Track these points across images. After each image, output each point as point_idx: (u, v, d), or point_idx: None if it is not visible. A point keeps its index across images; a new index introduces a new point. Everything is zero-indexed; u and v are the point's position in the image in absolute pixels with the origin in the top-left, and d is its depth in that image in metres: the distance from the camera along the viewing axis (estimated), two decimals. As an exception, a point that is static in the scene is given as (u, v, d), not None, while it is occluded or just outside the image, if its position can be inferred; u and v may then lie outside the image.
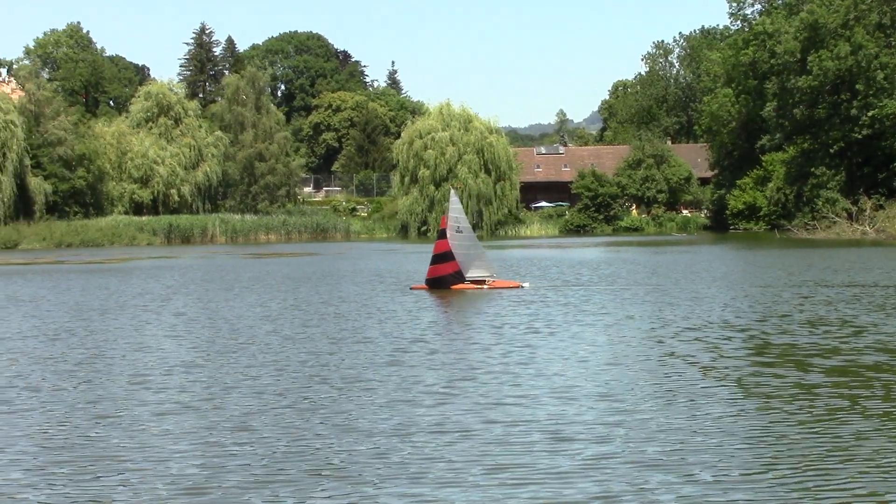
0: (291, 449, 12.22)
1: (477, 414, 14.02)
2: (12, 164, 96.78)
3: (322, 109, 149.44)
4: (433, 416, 14.00)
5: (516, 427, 13.23)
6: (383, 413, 14.14)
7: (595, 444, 12.27)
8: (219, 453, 12.08)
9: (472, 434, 12.87)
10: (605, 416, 13.78)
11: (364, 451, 12.02)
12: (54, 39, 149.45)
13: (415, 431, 13.07)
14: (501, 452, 11.94)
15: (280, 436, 12.89)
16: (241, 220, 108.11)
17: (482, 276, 34.17)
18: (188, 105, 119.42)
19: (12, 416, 14.25)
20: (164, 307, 29.97)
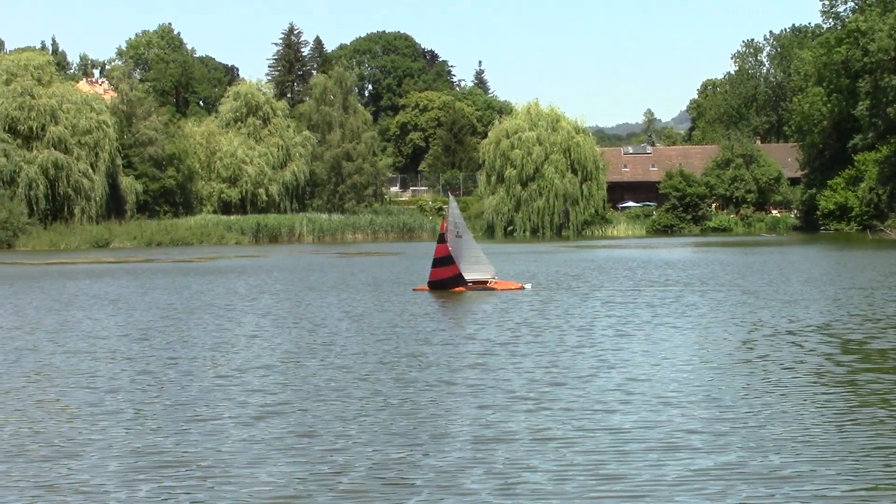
0: (382, 458, 11.87)
1: (577, 421, 13.56)
2: (104, 164, 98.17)
3: (409, 109, 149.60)
4: (533, 422, 13.55)
5: (622, 434, 12.74)
6: (478, 420, 13.74)
7: (708, 454, 11.72)
8: (308, 460, 11.82)
9: (576, 442, 12.41)
10: (713, 424, 13.23)
11: (462, 459, 11.68)
12: (146, 40, 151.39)
13: (514, 439, 12.63)
14: (610, 461, 11.48)
15: (368, 442, 12.59)
16: (327, 220, 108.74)
17: (483, 277, 34.77)
18: (276, 105, 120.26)
19: (97, 419, 14.20)
20: (251, 306, 30.06)
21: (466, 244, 34.64)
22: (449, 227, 34.24)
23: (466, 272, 34.23)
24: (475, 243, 35.34)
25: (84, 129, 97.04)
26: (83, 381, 17.03)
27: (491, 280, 34.86)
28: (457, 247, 34.17)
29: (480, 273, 34.77)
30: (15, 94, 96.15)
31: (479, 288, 34.23)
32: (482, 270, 34.88)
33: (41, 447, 12.35)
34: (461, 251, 34.28)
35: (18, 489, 10.67)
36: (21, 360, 19.60)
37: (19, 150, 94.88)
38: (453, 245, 34.02)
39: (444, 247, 33.83)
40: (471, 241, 35.02)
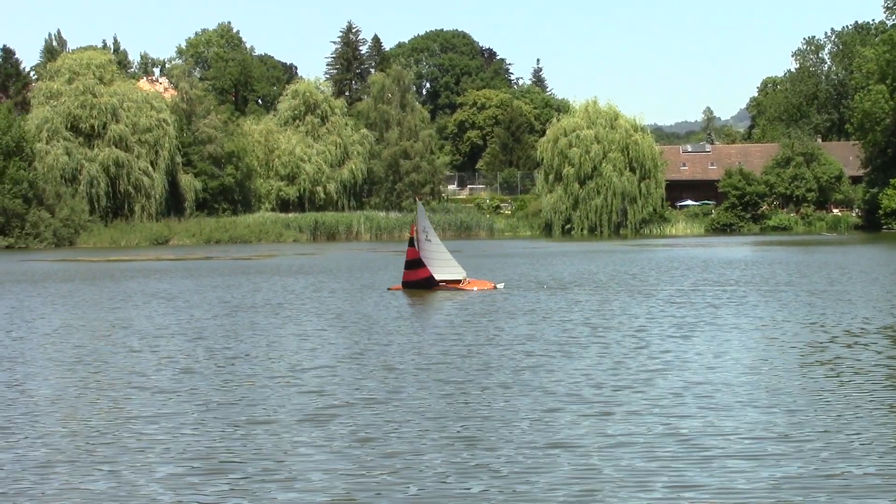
0: (444, 464, 11.64)
1: (644, 424, 13.25)
2: (164, 162, 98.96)
3: (467, 107, 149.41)
4: (599, 427, 13.25)
5: (688, 440, 12.40)
6: (542, 423, 13.43)
7: (780, 462, 11.38)
8: (364, 465, 11.65)
9: (645, 447, 12.12)
10: (787, 430, 12.82)
11: (527, 464, 11.39)
12: (205, 39, 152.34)
13: (579, 444, 12.33)
14: (682, 469, 11.15)
15: (428, 447, 12.39)
16: (385, 218, 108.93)
17: (455, 278, 35.52)
18: (334, 103, 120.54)
19: (153, 419, 14.21)
20: (308, 305, 30.07)
21: (435, 247, 35.50)
22: (418, 231, 34.98)
23: (438, 273, 34.97)
24: (443, 246, 36.20)
25: (144, 128, 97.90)
26: (139, 382, 17.03)
27: (464, 280, 35.53)
28: (427, 249, 35.01)
29: (452, 274, 35.55)
30: (77, 92, 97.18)
31: (452, 288, 34.89)
32: (453, 271, 35.65)
33: (96, 448, 12.31)
34: (431, 254, 35.09)
35: (78, 491, 10.67)
36: (79, 361, 19.70)
37: (81, 149, 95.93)
38: (423, 248, 34.89)
39: (414, 250, 34.64)
40: (439, 244, 35.90)
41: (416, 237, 34.91)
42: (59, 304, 31.98)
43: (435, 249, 35.30)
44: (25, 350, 21.09)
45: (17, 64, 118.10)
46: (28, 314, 28.65)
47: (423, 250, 34.83)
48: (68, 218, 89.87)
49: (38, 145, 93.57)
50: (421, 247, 34.82)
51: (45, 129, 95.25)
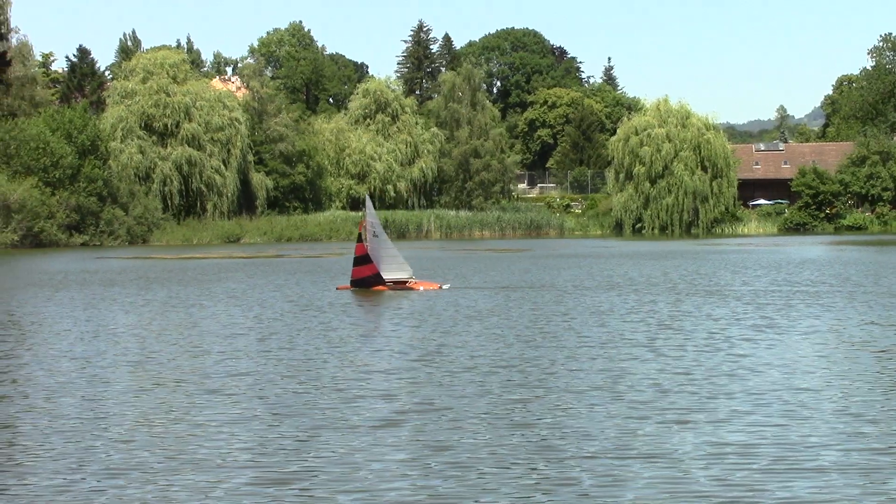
0: (524, 473, 11.43)
1: (728, 433, 12.76)
2: (236, 161, 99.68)
3: (537, 106, 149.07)
4: (684, 434, 12.78)
5: (778, 450, 11.95)
6: (621, 430, 13.02)
7: (873, 475, 10.86)
8: (435, 473, 11.46)
9: (731, 456, 11.66)
10: (880, 442, 12.28)
11: (606, 474, 11.05)
12: (277, 38, 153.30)
13: (669, 453, 11.89)
14: (774, 481, 10.70)
15: (507, 454, 12.17)
16: (455, 216, 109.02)
17: (402, 277, 35.70)
18: (405, 102, 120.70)
19: (219, 423, 14.16)
20: (376, 304, 30.06)
21: (383, 244, 35.70)
22: (367, 227, 35.16)
23: (385, 272, 35.18)
24: (391, 243, 36.46)
25: (217, 126, 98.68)
26: (207, 383, 17.04)
27: (410, 280, 35.77)
28: (374, 246, 35.18)
29: (398, 272, 35.77)
30: (151, 91, 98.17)
31: (398, 288, 35.07)
32: (400, 270, 35.88)
33: (164, 453, 12.28)
34: (379, 251, 35.32)
35: (139, 499, 10.68)
36: (149, 360, 19.81)
37: (154, 147, 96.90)
38: (371, 245, 35.03)
39: (362, 246, 34.86)
40: (387, 241, 36.13)
41: (363, 233, 35.09)
42: (132, 302, 32.25)
43: (382, 246, 35.59)
44: (98, 349, 21.24)
45: (93, 64, 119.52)
46: (102, 313, 28.89)
47: (371, 246, 35.07)
48: (142, 216, 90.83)
49: (112, 144, 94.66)
50: (368, 242, 35.07)
51: (119, 128, 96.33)
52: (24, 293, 36.09)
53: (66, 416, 14.18)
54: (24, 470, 11.38)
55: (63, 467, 11.43)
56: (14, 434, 13.13)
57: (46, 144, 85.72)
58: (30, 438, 12.87)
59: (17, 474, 11.19)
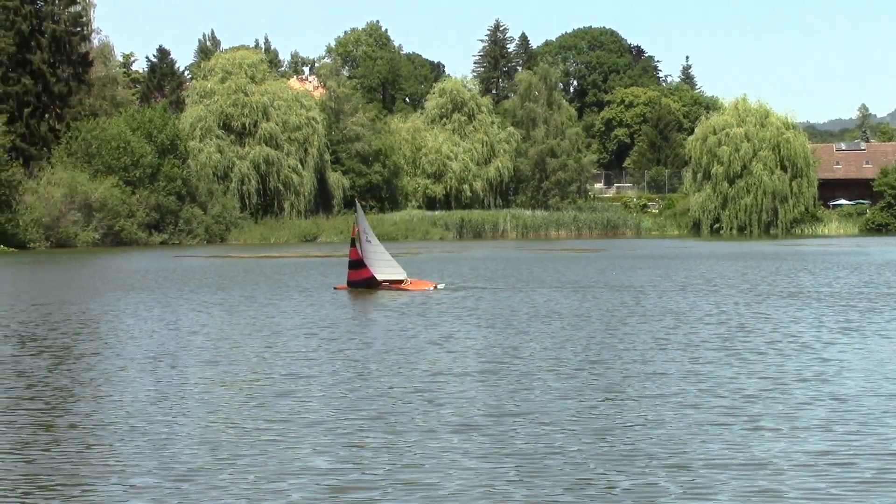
0: (611, 483, 11.29)
1: (811, 443, 12.31)
2: (313, 160, 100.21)
3: (614, 105, 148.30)
4: (778, 443, 12.38)
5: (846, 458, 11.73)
6: (702, 437, 12.65)
7: None
8: (513, 483, 11.35)
9: (824, 465, 11.27)
10: None
11: (682, 484, 10.77)
12: (354, 38, 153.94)
13: (759, 460, 11.51)
14: (875, 495, 10.31)
15: (593, 463, 11.98)
16: (531, 216, 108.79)
17: (398, 277, 36.12)
18: (481, 101, 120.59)
19: (292, 426, 14.12)
20: (452, 304, 29.98)
21: (375, 248, 36.20)
22: (359, 232, 35.56)
23: (380, 273, 35.67)
24: (382, 247, 36.90)
25: (294, 126, 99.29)
26: (278, 384, 17.07)
27: (406, 281, 36.09)
28: (367, 250, 35.67)
29: (393, 274, 36.20)
30: (230, 91, 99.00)
31: (395, 287, 35.44)
32: (394, 272, 36.31)
33: (238, 460, 12.23)
34: (372, 255, 35.82)
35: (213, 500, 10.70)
36: (223, 360, 19.90)
37: (233, 147, 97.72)
38: (364, 249, 35.54)
39: (355, 251, 35.36)
40: (378, 245, 36.63)
41: (357, 238, 35.47)
42: (208, 301, 32.50)
43: (375, 250, 36.10)
44: (175, 348, 21.41)
45: (172, 64, 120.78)
46: (179, 312, 29.14)
47: (365, 251, 35.59)
48: (220, 215, 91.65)
49: (191, 143, 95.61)
50: (362, 248, 35.55)
51: (198, 128, 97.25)
52: (104, 291, 36.52)
53: (141, 415, 14.28)
54: (99, 471, 11.46)
55: (140, 469, 11.50)
56: (91, 434, 13.24)
57: (127, 144, 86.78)
58: (106, 438, 12.96)
59: (93, 475, 11.27)
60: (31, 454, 12.11)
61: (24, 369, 18.36)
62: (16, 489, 10.64)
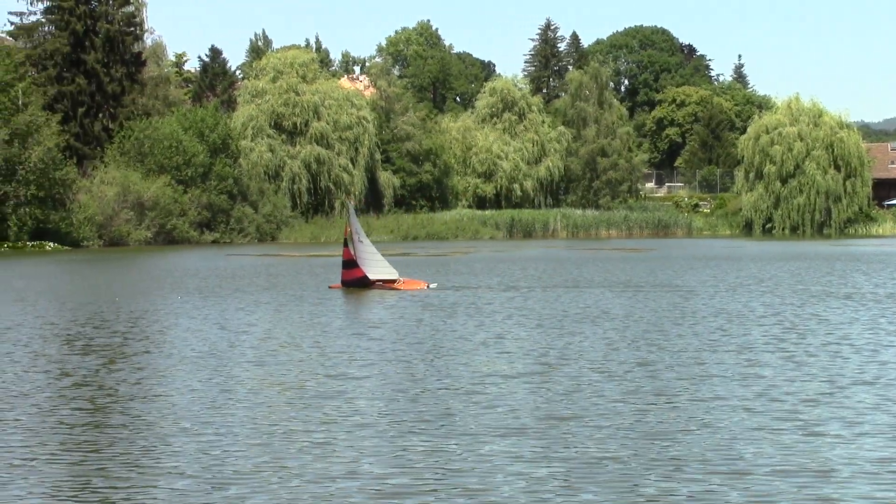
0: (667, 489, 11.20)
1: (877, 450, 11.97)
2: (364, 159, 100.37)
3: (666, 104, 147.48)
4: (834, 450, 12.06)
5: None
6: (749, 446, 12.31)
7: None
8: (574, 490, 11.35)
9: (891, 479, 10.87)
10: None
11: (743, 492, 10.45)
12: (405, 37, 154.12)
13: (826, 471, 11.16)
14: None
15: (647, 470, 11.85)
16: (582, 216, 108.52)
17: (390, 278, 36.37)
18: (532, 100, 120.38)
19: (348, 428, 14.07)
20: (501, 304, 29.78)
21: (367, 248, 36.49)
22: (351, 233, 35.96)
23: (372, 273, 35.90)
24: (374, 247, 37.18)
25: (345, 125, 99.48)
26: (328, 386, 16.98)
27: (398, 280, 36.31)
28: (359, 250, 35.99)
29: (385, 273, 36.46)
30: (281, 90, 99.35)
31: (387, 287, 35.60)
32: (386, 271, 36.61)
33: (286, 462, 12.15)
34: (364, 254, 36.10)
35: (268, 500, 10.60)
36: (266, 365, 19.85)
37: (284, 146, 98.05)
38: (356, 249, 35.88)
39: (348, 251, 35.69)
40: (369, 244, 36.90)
41: (350, 239, 35.83)
42: (258, 300, 32.52)
43: (366, 250, 36.38)
44: (224, 348, 21.39)
45: (224, 63, 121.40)
46: (230, 311, 29.16)
47: (357, 251, 35.91)
48: (271, 214, 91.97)
49: (242, 143, 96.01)
50: (355, 248, 35.90)
51: (249, 127, 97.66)
52: (155, 290, 36.67)
53: (189, 416, 14.22)
54: (147, 472, 11.41)
55: (187, 471, 11.43)
56: (139, 434, 13.20)
57: (179, 143, 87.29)
58: (154, 439, 12.92)
59: (142, 476, 11.22)
60: (80, 455, 12.07)
61: (74, 368, 18.39)
62: (64, 490, 10.60)
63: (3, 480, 10.95)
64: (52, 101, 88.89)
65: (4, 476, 11.11)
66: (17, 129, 77.52)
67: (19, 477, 11.09)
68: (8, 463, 11.67)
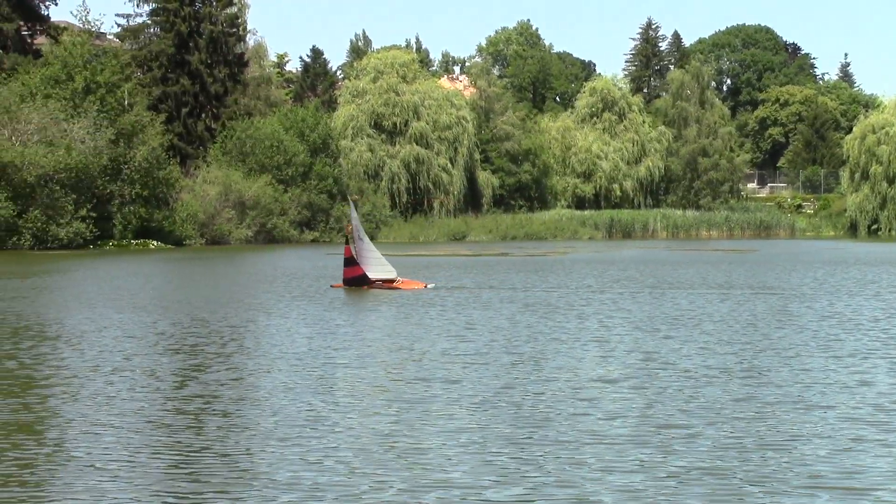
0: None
1: None
2: (463, 159, 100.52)
3: (769, 104, 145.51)
4: None
5: None
6: (876, 465, 11.78)
7: None
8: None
9: None
10: None
11: None
12: (505, 37, 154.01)
13: None
14: None
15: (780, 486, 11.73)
16: (682, 216, 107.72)
17: (389, 277, 36.56)
18: (632, 100, 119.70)
19: (436, 435, 13.98)
20: (600, 305, 29.46)
21: (367, 246, 36.70)
22: (353, 230, 36.44)
23: (372, 272, 36.18)
24: (373, 246, 37.41)
25: (444, 125, 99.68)
26: (424, 392, 16.84)
27: (397, 280, 36.42)
28: (359, 248, 36.27)
29: (384, 273, 36.55)
30: (381, 90, 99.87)
31: (387, 287, 35.68)
32: (385, 270, 36.69)
33: (379, 470, 12.04)
34: (364, 253, 36.39)
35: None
36: (360, 368, 19.77)
37: (383, 146, 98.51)
38: (357, 247, 36.21)
39: (349, 248, 36.21)
40: (369, 243, 37.14)
41: (351, 237, 36.34)
42: (355, 299, 32.56)
43: (366, 248, 36.62)
44: (321, 349, 21.37)
45: (325, 64, 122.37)
46: (327, 311, 29.20)
47: (357, 249, 36.23)
48: (370, 213, 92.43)
49: (343, 142, 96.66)
50: (356, 246, 36.25)
51: (350, 127, 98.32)
52: (255, 288, 36.93)
53: (284, 419, 14.16)
54: (240, 477, 11.36)
55: (280, 477, 11.36)
56: (233, 438, 13.17)
57: (280, 143, 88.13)
58: (247, 443, 12.87)
59: (235, 482, 11.17)
60: (175, 458, 12.05)
61: (172, 369, 18.47)
62: (158, 496, 10.57)
63: (100, 483, 10.96)
64: (157, 101, 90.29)
65: (100, 479, 11.12)
66: (123, 129, 78.80)
67: (118, 479, 11.08)
68: (103, 465, 11.67)
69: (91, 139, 74.75)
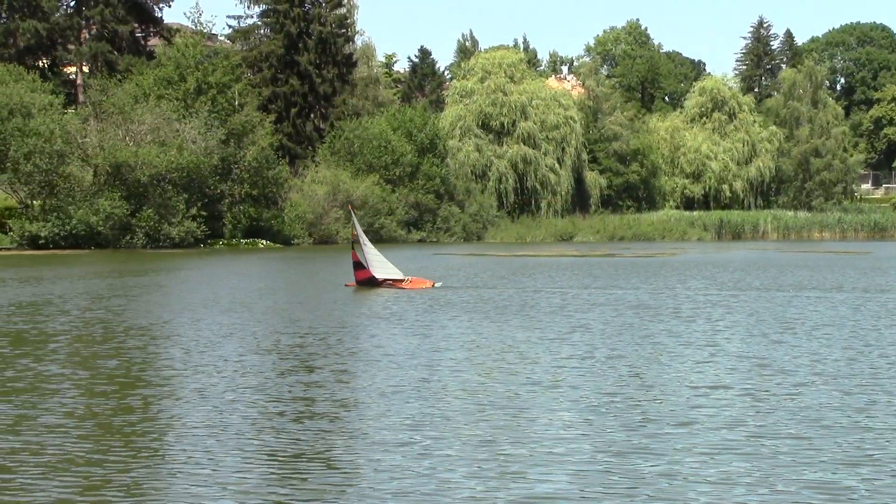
0: None
1: None
2: (570, 159, 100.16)
3: (884, 103, 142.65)
4: None
5: None
6: None
7: None
8: None
9: None
10: None
11: None
12: (614, 37, 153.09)
13: None
14: None
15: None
16: (793, 217, 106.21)
17: (398, 277, 37.61)
18: (742, 100, 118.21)
19: (548, 434, 13.78)
20: (709, 309, 28.96)
21: (370, 251, 37.79)
22: (357, 235, 37.89)
23: (379, 273, 37.34)
24: (376, 249, 38.49)
25: (552, 125, 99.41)
26: (533, 401, 16.65)
27: (406, 279, 37.54)
28: (363, 252, 37.58)
29: (391, 273, 37.68)
30: (489, 90, 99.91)
31: (396, 286, 36.78)
32: (391, 271, 37.79)
33: (480, 485, 11.88)
34: (369, 257, 37.57)
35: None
36: (466, 373, 19.62)
37: (490, 146, 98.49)
38: (361, 252, 37.59)
39: (355, 253, 37.93)
40: (372, 247, 38.23)
41: (356, 242, 37.99)
42: (468, 300, 32.45)
43: (370, 252, 37.74)
44: (424, 353, 21.29)
45: (433, 64, 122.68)
46: (436, 318, 29.15)
47: (362, 254, 37.56)
48: (477, 213, 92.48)
49: (450, 142, 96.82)
50: (361, 251, 37.61)
51: (457, 127, 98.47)
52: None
53: (385, 425, 14.08)
54: (342, 486, 11.31)
55: (382, 490, 11.28)
56: (332, 445, 13.12)
57: (388, 143, 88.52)
58: (344, 451, 12.82)
59: (334, 490, 11.12)
60: (275, 468, 12.02)
61: (275, 372, 18.51)
62: (257, 498, 10.54)
63: (198, 484, 10.97)
64: (267, 101, 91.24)
65: (198, 483, 11.14)
66: (234, 129, 79.75)
67: (215, 485, 11.08)
68: (204, 465, 11.69)
69: (202, 139, 75.77)
